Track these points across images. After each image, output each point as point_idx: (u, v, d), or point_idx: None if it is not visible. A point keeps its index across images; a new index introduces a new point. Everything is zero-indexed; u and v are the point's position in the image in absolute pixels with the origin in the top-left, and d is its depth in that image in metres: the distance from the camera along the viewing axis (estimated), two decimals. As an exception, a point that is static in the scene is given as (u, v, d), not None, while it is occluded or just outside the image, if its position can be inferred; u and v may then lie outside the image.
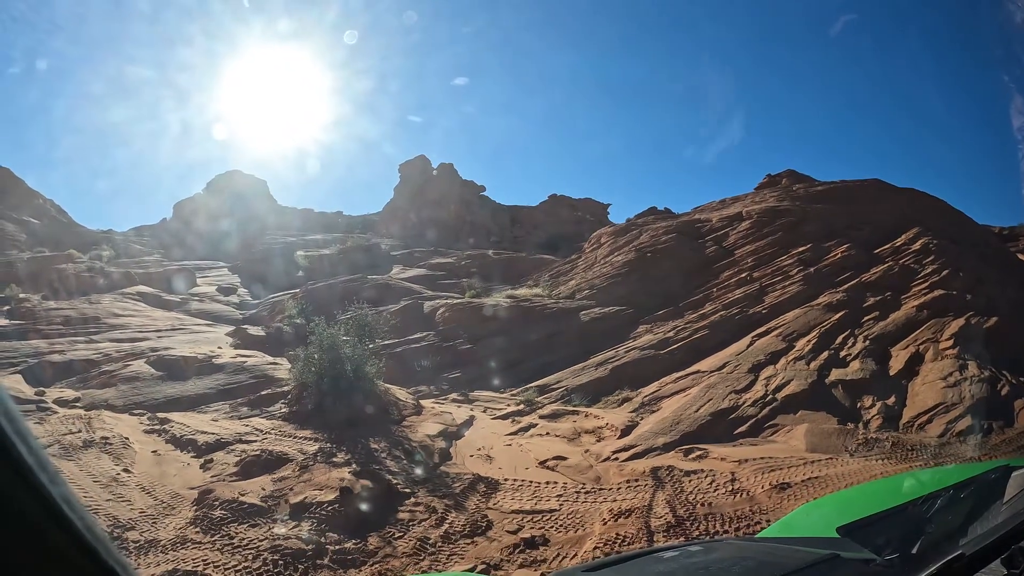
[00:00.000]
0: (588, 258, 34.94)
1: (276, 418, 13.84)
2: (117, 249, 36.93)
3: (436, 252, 43.66)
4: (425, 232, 49.75)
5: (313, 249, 40.04)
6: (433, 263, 39.54)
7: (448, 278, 36.09)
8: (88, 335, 19.73)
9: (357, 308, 16.49)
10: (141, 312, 23.58)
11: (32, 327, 20.01)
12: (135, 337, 20.05)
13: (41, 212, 47.73)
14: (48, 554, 0.79)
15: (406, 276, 35.11)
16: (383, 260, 38.67)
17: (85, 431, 11.41)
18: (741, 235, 28.53)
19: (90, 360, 16.87)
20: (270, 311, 27.06)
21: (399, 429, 13.61)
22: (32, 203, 48.30)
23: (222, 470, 10.51)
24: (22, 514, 0.76)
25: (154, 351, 17.92)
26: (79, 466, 9.96)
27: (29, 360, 16.78)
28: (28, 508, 0.76)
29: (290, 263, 35.52)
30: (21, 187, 49.32)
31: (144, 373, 15.48)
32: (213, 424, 12.94)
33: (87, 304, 23.12)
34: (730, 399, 15.20)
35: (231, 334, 22.25)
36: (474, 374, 21.72)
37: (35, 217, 45.82)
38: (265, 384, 15.67)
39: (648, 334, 22.41)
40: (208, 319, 25.01)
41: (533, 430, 15.21)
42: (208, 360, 16.42)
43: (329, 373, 13.91)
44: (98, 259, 30.58)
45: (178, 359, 16.34)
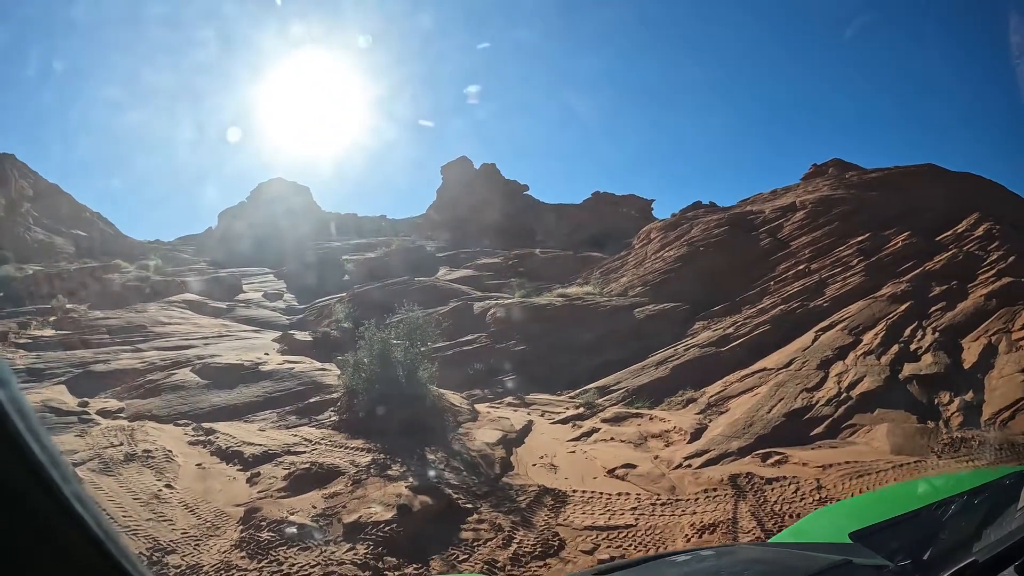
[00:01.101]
0: (638, 254, 34.34)
1: (326, 427, 13.22)
2: (163, 258, 37.29)
3: (482, 252, 43.23)
4: (469, 233, 49.49)
5: (358, 253, 39.83)
6: (479, 263, 39.08)
7: (495, 278, 35.56)
8: (133, 344, 19.56)
9: (408, 310, 15.79)
10: (187, 320, 23.43)
11: (77, 337, 19.93)
12: (180, 345, 19.79)
13: (88, 225, 48.86)
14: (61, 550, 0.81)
15: (453, 277, 34.61)
16: (429, 262, 38.26)
17: (127, 444, 10.94)
18: (796, 226, 27.78)
19: (135, 369, 16.59)
20: (317, 316, 26.73)
21: (455, 437, 12.90)
22: (79, 216, 49.58)
23: (270, 485, 9.87)
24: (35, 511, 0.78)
25: (200, 359, 17.57)
26: (119, 482, 9.44)
27: (73, 370, 16.58)
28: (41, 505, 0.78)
29: (336, 267, 35.33)
30: (68, 201, 50.70)
31: (189, 382, 15.08)
32: (260, 434, 12.38)
33: (133, 313, 23.07)
34: (803, 398, 14.38)
35: (278, 340, 21.89)
36: (529, 376, 21.04)
37: (83, 230, 46.94)
38: (313, 391, 15.11)
39: (706, 331, 21.72)
40: (254, 325, 24.76)
41: (596, 435, 14.44)
42: (255, 367, 15.96)
43: (380, 379, 13.27)
44: (145, 268, 30.77)
45: (224, 367, 15.92)
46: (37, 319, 21.95)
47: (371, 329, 14.07)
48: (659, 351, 20.77)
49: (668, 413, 16.25)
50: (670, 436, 14.46)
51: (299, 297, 30.72)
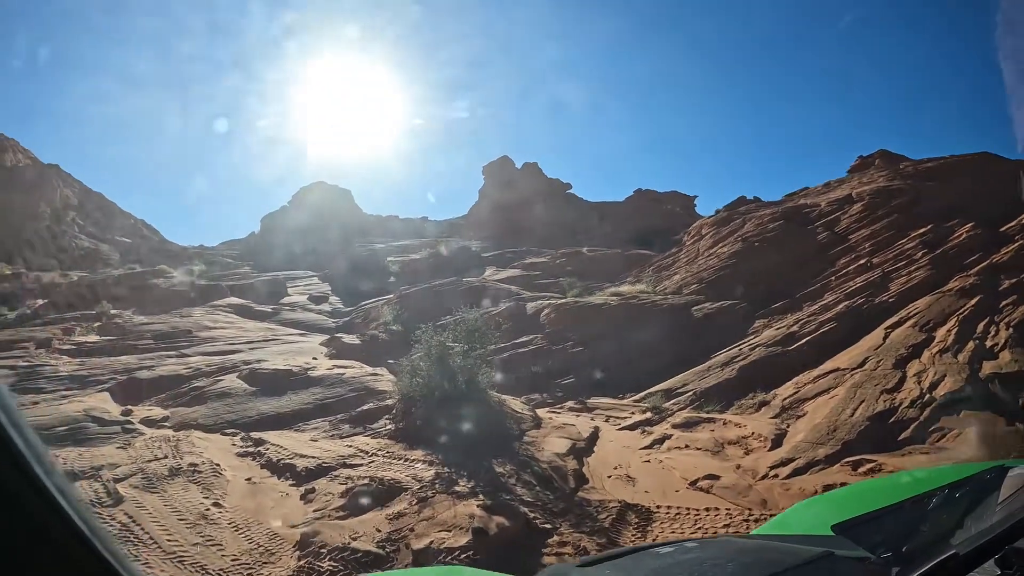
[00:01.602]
0: (690, 251, 33.63)
1: (381, 436, 12.37)
2: (207, 263, 37.14)
3: (529, 252, 42.40)
4: (512, 232, 48.79)
5: (402, 255, 39.21)
6: (527, 263, 38.21)
7: (544, 278, 34.65)
8: (178, 349, 19.02)
9: (465, 311, 14.90)
10: (232, 324, 22.91)
11: (122, 342, 19.50)
12: (226, 350, 19.19)
13: (133, 232, 49.40)
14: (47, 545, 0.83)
15: (501, 277, 33.70)
16: (475, 262, 37.45)
17: (172, 456, 10.19)
18: (853, 219, 26.83)
19: (180, 375, 15.98)
20: (364, 318, 26.03)
21: (522, 446, 11.96)
22: (124, 224, 50.20)
23: (326, 503, 8.98)
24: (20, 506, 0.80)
25: (246, 364, 16.90)
26: (164, 500, 8.63)
27: (117, 376, 16.04)
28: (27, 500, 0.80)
29: (380, 269, 34.73)
30: (113, 209, 51.45)
31: (236, 388, 14.37)
32: (312, 445, 11.55)
33: (178, 318, 22.64)
34: (884, 400, 13.37)
35: (325, 343, 21.19)
36: (588, 378, 20.07)
37: (127, 237, 47.35)
38: (366, 398, 14.28)
39: (768, 329, 20.86)
40: (300, 328, 24.16)
41: (668, 442, 13.45)
42: (304, 373, 15.20)
43: (439, 385, 12.41)
44: (189, 273, 30.49)
45: (272, 373, 15.19)
46: (82, 325, 21.63)
47: (428, 332, 13.25)
48: (721, 351, 19.90)
49: (741, 417, 15.19)
50: (748, 443, 13.41)
51: (344, 300, 30.12)
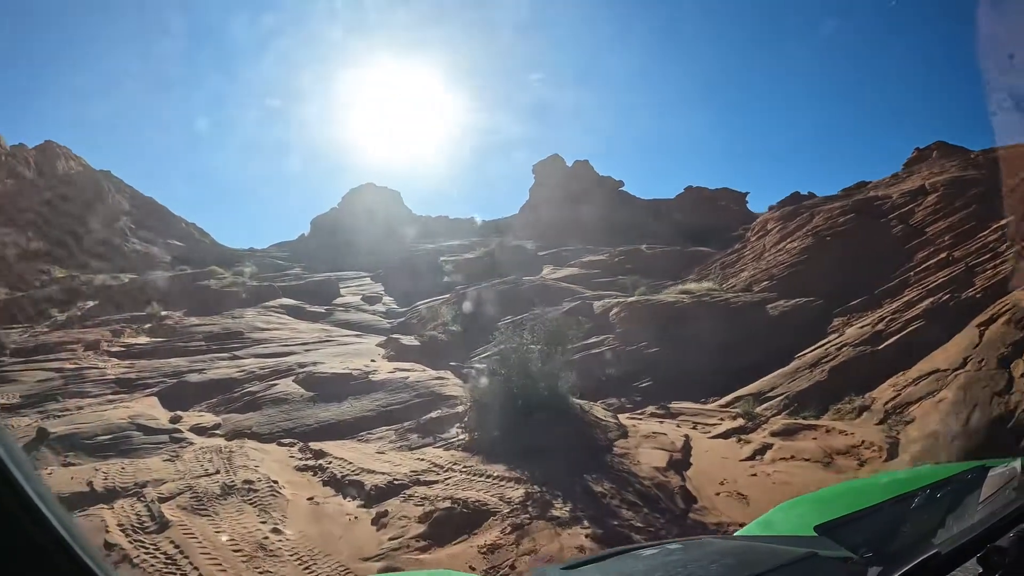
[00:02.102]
0: (755, 247, 32.38)
1: (455, 448, 11.09)
2: (258, 265, 36.57)
3: (585, 250, 41.05)
4: (564, 231, 47.65)
5: (456, 254, 38.10)
6: (585, 261, 36.87)
7: (603, 276, 33.24)
8: (230, 351, 18.04)
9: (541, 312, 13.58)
10: (285, 325, 21.95)
11: (172, 344, 18.64)
12: (280, 352, 18.15)
13: (184, 235, 49.42)
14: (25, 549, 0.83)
15: (560, 276, 32.31)
16: (530, 261, 36.12)
17: (224, 471, 8.99)
18: (929, 210, 25.64)
19: (232, 379, 14.93)
20: (420, 319, 24.85)
21: (614, 459, 10.62)
22: (176, 227, 50.27)
23: (403, 530, 7.66)
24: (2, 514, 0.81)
25: (302, 367, 15.79)
26: (215, 525, 7.40)
27: (166, 380, 15.06)
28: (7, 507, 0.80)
29: (434, 269, 33.61)
30: (164, 213, 51.72)
31: (293, 394, 13.20)
32: (379, 458, 10.28)
33: (230, 319, 21.77)
34: (997, 404, 11.98)
35: (383, 345, 20.03)
36: (665, 381, 18.73)
37: (179, 240, 47.33)
38: (433, 403, 12.99)
39: (850, 327, 19.69)
40: (355, 329, 23.09)
41: (770, 452, 12.26)
42: (364, 377, 14.00)
43: (520, 392, 11.27)
44: (240, 274, 29.79)
45: (330, 376, 14.03)
46: (131, 327, 20.92)
47: (507, 334, 12.05)
48: (805, 351, 18.72)
49: (843, 423, 14.01)
50: (860, 452, 12.14)
51: (398, 300, 29.05)
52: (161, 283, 26.77)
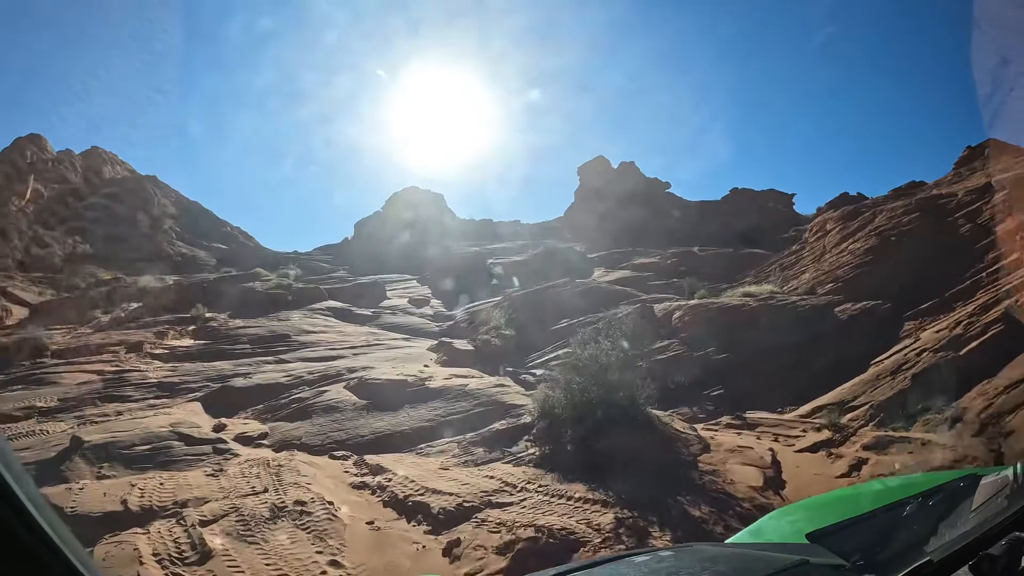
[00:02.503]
0: (814, 247, 31.03)
1: (525, 463, 9.95)
2: (302, 267, 35.99)
3: (636, 252, 39.77)
4: (611, 233, 46.53)
5: (503, 257, 37.06)
6: (636, 264, 35.61)
7: (657, 278, 31.96)
8: (276, 354, 17.17)
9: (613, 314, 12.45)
10: (332, 328, 21.05)
11: (216, 347, 17.84)
12: (328, 356, 17.22)
13: (229, 238, 49.39)
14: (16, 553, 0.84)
15: (612, 279, 31.04)
16: (580, 264, 34.90)
17: (273, 488, 7.96)
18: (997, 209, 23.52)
19: (279, 384, 13.99)
20: (470, 322, 23.77)
21: (703, 477, 9.50)
22: (220, 231, 50.34)
23: (480, 565, 6.55)
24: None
25: (352, 371, 14.81)
26: (264, 555, 6.34)
27: (210, 384, 14.20)
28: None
29: (481, 272, 32.58)
30: (209, 217, 51.97)
31: (345, 402, 12.16)
32: (444, 475, 9.16)
33: (275, 321, 20.96)
34: None
35: (434, 349, 18.97)
36: (738, 389, 17.44)
37: (223, 243, 47.22)
38: (496, 413, 11.84)
39: (924, 331, 18.22)
40: (403, 333, 22.10)
41: (867, 468, 11.06)
42: (421, 383, 12.90)
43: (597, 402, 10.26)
44: (284, 277, 29.13)
45: (384, 383, 12.95)
46: (175, 328, 20.25)
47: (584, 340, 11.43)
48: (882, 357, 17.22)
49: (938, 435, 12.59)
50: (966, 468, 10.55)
51: (446, 303, 28.06)
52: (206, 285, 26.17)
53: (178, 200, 51.95)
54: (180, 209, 50.68)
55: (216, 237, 48.49)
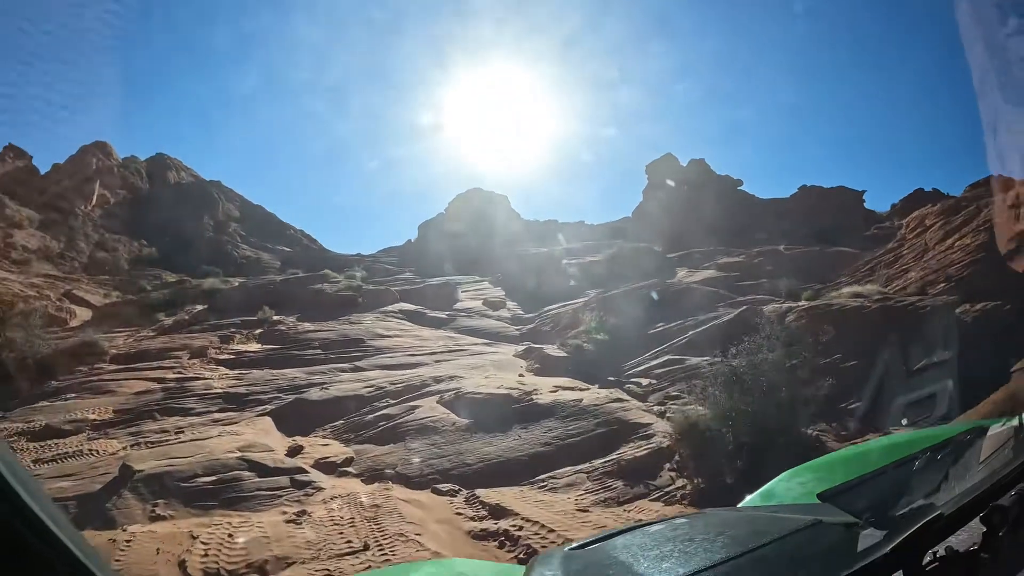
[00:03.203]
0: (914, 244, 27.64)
1: (677, 500, 7.77)
2: (367, 270, 34.37)
3: (717, 251, 36.96)
4: (683, 232, 44.06)
5: (576, 257, 34.84)
6: (721, 263, 32.86)
7: (745, 279, 29.14)
8: (351, 361, 15.28)
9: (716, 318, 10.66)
10: (407, 331, 19.11)
11: (286, 352, 16.07)
12: (407, 363, 15.25)
13: (293, 241, 48.55)
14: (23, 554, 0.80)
15: (699, 279, 28.39)
16: (659, 263, 32.36)
17: (375, 543, 5.91)
18: None
19: (359, 396, 12.03)
20: (553, 325, 21.59)
21: None
22: (285, 234, 49.54)
23: None
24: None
25: (438, 381, 12.79)
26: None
27: (282, 396, 12.32)
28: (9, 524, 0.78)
29: (556, 273, 30.36)
30: (273, 220, 51.28)
31: (442, 420, 10.06)
32: (584, 518, 7.07)
33: (347, 324, 19.11)
34: None
35: (523, 355, 16.84)
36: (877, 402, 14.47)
37: (287, 246, 46.37)
38: (621, 434, 9.65)
39: None
40: (482, 337, 20.03)
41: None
42: (527, 398, 10.74)
43: (769, 426, 8.44)
44: (351, 278, 27.44)
45: (485, 398, 10.82)
46: (241, 332, 18.60)
47: (756, 345, 9.69)
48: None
49: None
50: None
51: (523, 305, 25.90)
52: (272, 287, 24.59)
53: (242, 204, 51.46)
54: (244, 213, 50.18)
55: (280, 240, 47.62)
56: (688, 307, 21.56)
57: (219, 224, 46.68)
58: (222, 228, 46.32)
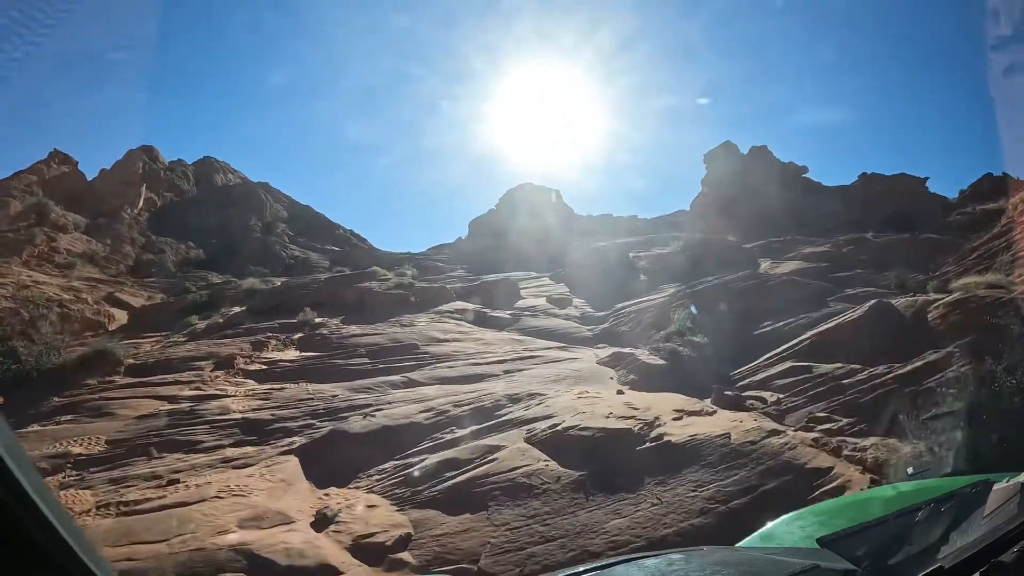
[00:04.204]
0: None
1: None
2: (418, 268, 31.37)
3: (796, 241, 33.36)
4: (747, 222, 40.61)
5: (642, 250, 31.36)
6: (806, 253, 29.15)
7: (837, 269, 25.32)
8: (403, 372, 12.11)
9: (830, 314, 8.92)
10: (467, 334, 15.86)
11: (327, 362, 13.01)
12: (471, 374, 12.04)
13: (342, 241, 46.30)
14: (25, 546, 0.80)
15: (788, 270, 24.59)
16: (738, 255, 28.56)
17: None
18: None
19: (413, 424, 8.79)
20: (633, 325, 18.11)
21: None
22: (333, 234, 47.41)
23: None
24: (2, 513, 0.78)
25: (514, 400, 9.55)
26: None
27: (315, 425, 9.16)
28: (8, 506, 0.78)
29: (622, 267, 26.91)
30: (322, 220, 49.25)
31: (537, 472, 6.66)
32: None
33: (398, 327, 15.93)
34: None
35: (609, 362, 13.49)
36: None
37: (337, 245, 44.12)
38: (798, 489, 6.37)
39: None
40: (553, 339, 16.70)
41: None
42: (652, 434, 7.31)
43: None
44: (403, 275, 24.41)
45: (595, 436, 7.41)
46: (278, 337, 15.59)
47: None
48: None
49: None
50: None
51: (591, 302, 22.47)
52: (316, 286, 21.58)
53: (290, 205, 49.45)
54: (292, 213, 48.14)
55: (329, 240, 45.23)
56: (789, 302, 17.90)
57: (267, 225, 44.60)
58: (270, 229, 44.20)
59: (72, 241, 32.68)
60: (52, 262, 30.22)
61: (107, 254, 33.58)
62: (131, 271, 32.81)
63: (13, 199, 32.71)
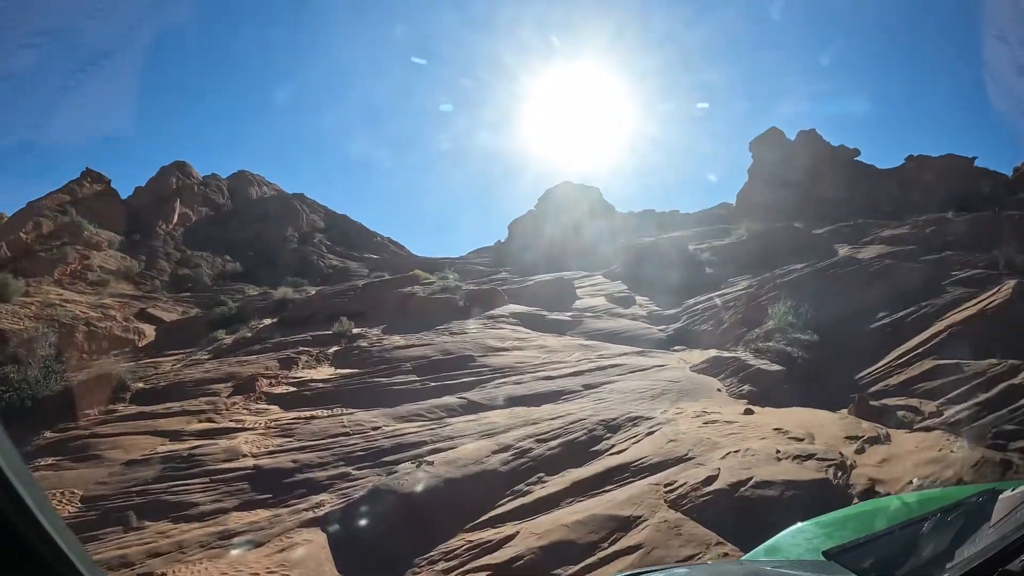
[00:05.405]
0: None
1: None
2: (459, 272, 28.91)
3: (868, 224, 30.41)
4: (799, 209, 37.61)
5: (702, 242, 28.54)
6: (886, 236, 26.05)
7: (923, 252, 22.11)
8: (459, 391, 9.52)
9: None
10: (527, 341, 13.20)
11: (367, 380, 10.45)
12: (545, 391, 9.38)
13: (380, 248, 44.37)
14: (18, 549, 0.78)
15: (873, 255, 21.52)
16: (808, 241, 25.65)
17: None
18: None
19: (489, 474, 6.11)
20: (714, 323, 15.29)
21: None
22: (371, 241, 45.53)
23: None
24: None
25: (611, 428, 6.96)
26: None
27: (354, 474, 6.62)
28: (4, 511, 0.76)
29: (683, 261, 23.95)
30: (359, 229, 47.39)
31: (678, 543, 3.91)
32: None
33: (447, 335, 13.33)
34: None
35: (709, 370, 10.70)
36: None
37: (375, 253, 42.12)
38: None
39: None
40: (625, 343, 13.99)
41: None
42: (851, 486, 4.50)
43: None
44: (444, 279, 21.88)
45: (774, 495, 4.59)
46: (310, 351, 13.14)
47: None
48: None
49: None
50: None
51: (655, 300, 19.65)
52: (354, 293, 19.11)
53: (327, 214, 47.70)
54: (329, 223, 46.40)
55: (367, 248, 43.23)
56: (895, 290, 14.88)
57: (304, 235, 42.85)
58: (307, 239, 42.42)
59: (105, 258, 31.13)
60: (85, 280, 28.62)
61: (142, 270, 32.05)
62: (167, 286, 31.13)
63: (45, 218, 31.34)
